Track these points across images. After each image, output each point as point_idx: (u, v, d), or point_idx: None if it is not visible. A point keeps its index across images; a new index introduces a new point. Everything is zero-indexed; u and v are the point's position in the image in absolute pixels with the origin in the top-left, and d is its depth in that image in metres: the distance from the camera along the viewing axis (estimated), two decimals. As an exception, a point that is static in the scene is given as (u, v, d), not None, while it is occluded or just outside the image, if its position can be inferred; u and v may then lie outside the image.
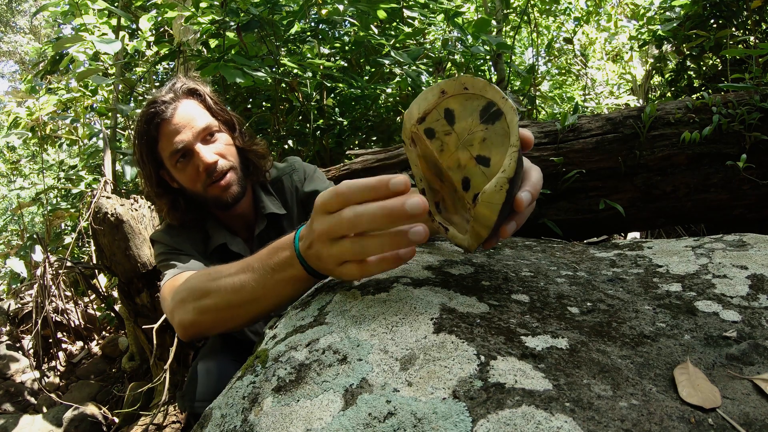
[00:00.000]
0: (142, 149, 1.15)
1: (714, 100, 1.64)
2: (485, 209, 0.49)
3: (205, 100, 1.16)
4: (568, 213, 1.73)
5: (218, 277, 0.74)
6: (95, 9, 2.64)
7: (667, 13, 3.08)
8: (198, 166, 1.10)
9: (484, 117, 0.52)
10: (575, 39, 5.78)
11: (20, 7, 11.65)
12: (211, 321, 0.76)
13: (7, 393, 2.57)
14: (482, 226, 0.51)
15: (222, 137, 1.16)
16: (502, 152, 0.50)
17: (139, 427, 1.99)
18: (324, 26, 2.57)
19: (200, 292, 0.77)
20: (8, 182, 5.95)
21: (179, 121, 1.10)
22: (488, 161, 0.51)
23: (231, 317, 0.73)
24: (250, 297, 0.68)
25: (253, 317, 0.72)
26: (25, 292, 3.37)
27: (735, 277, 0.60)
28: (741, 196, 1.63)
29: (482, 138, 0.52)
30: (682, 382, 0.42)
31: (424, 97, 0.56)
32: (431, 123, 0.55)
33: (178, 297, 0.83)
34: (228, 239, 1.19)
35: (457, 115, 0.54)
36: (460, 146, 0.53)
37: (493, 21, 3.39)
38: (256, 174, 1.23)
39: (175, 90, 1.14)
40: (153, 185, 1.18)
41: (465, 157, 0.53)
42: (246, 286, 0.68)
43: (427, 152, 0.57)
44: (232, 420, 0.46)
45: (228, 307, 0.72)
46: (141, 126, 1.13)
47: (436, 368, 0.43)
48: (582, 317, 0.54)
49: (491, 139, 0.51)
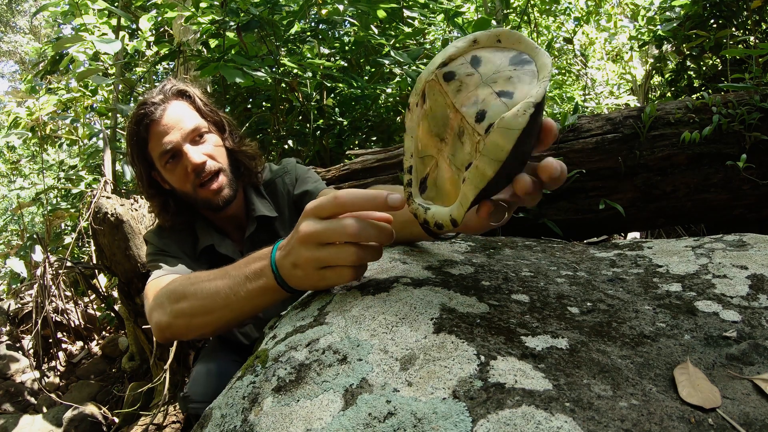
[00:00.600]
0: (134, 150, 1.16)
1: (714, 100, 1.64)
2: (500, 137, 0.42)
3: (195, 102, 1.17)
4: (568, 213, 1.73)
5: (196, 282, 0.75)
6: (95, 9, 2.64)
7: (667, 13, 3.08)
8: (186, 167, 1.11)
9: (514, 62, 0.48)
10: (575, 39, 5.78)
11: (20, 7, 11.65)
12: (185, 325, 0.77)
13: (7, 393, 2.57)
14: (490, 162, 0.43)
15: (211, 138, 1.16)
16: (529, 86, 0.44)
17: (139, 427, 1.99)
18: (324, 26, 2.57)
19: (178, 296, 0.78)
20: (8, 182, 5.95)
21: (168, 122, 1.11)
22: (512, 94, 0.45)
23: (204, 323, 0.74)
24: (222, 303, 0.69)
25: (225, 324, 0.73)
26: (25, 292, 3.37)
27: (735, 277, 0.60)
28: (741, 196, 1.63)
29: (508, 77, 0.47)
30: (682, 382, 0.42)
31: (454, 45, 0.52)
32: (454, 67, 0.51)
33: (157, 299, 0.85)
34: (216, 241, 1.19)
35: (484, 61, 0.49)
36: (481, 84, 0.48)
37: (493, 21, 3.39)
38: (248, 176, 1.23)
39: (165, 91, 1.16)
40: (145, 186, 1.20)
41: (485, 93, 0.47)
42: (220, 292, 0.69)
43: (437, 103, 0.52)
44: (232, 420, 0.46)
45: (202, 312, 0.73)
46: (131, 127, 1.15)
47: (436, 368, 0.43)
48: (582, 317, 0.54)
49: (518, 78, 0.46)
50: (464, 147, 0.48)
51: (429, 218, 0.51)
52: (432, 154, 0.54)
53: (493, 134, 0.42)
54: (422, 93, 0.53)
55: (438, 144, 0.52)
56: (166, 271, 1.05)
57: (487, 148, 0.43)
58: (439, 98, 0.51)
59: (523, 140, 0.42)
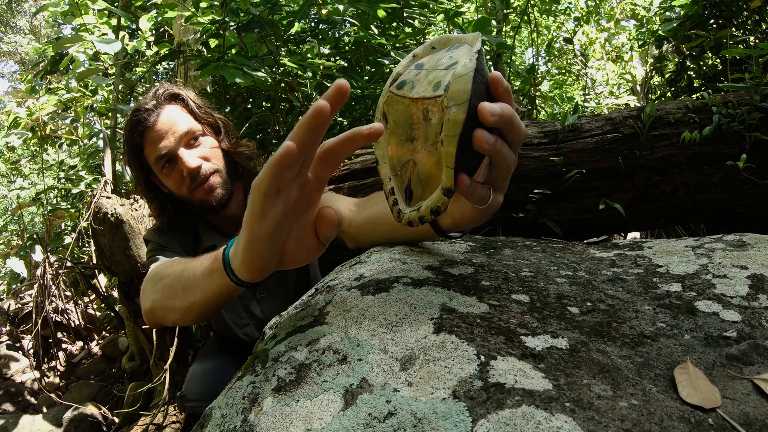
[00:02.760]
0: (130, 157, 1.17)
1: (714, 100, 1.64)
2: (459, 84, 0.46)
3: (188, 104, 1.17)
4: (568, 213, 1.73)
5: (170, 265, 0.79)
6: (95, 9, 2.64)
7: (667, 13, 3.08)
8: (182, 171, 1.11)
9: (449, 51, 0.54)
10: (575, 39, 5.78)
11: (20, 7, 11.65)
12: (160, 308, 0.80)
13: (7, 393, 2.57)
14: (458, 107, 0.46)
15: (206, 141, 1.16)
16: (468, 54, 0.50)
17: (139, 427, 1.99)
18: (324, 26, 2.57)
19: (156, 279, 0.82)
20: (8, 182, 5.95)
21: (162, 127, 1.11)
22: (456, 64, 0.50)
23: (173, 306, 0.76)
24: (183, 285, 0.72)
25: (187, 310, 0.73)
26: (25, 292, 3.37)
27: (735, 277, 0.60)
28: (741, 196, 1.63)
29: (449, 57, 0.52)
30: (682, 382, 0.42)
31: (399, 65, 0.57)
32: (402, 78, 0.56)
33: (144, 287, 0.88)
34: (218, 241, 1.19)
35: (426, 61, 0.55)
36: (430, 73, 0.53)
37: (493, 21, 3.39)
38: (246, 176, 1.23)
39: (157, 96, 1.15)
40: (144, 190, 1.20)
41: (435, 74, 0.52)
42: (183, 272, 0.72)
43: (398, 111, 0.54)
44: (232, 420, 0.46)
45: (171, 294, 0.75)
46: (126, 134, 1.15)
47: (436, 368, 0.43)
48: (582, 317, 0.54)
49: (457, 55, 0.52)
50: (432, 121, 0.51)
51: (424, 213, 0.51)
52: (407, 158, 0.55)
53: (453, 85, 0.47)
54: (383, 114, 0.56)
55: (410, 146, 0.54)
56: (162, 262, 1.06)
57: (451, 98, 0.47)
58: (399, 106, 0.54)
59: (478, 81, 0.47)
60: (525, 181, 1.70)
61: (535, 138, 1.76)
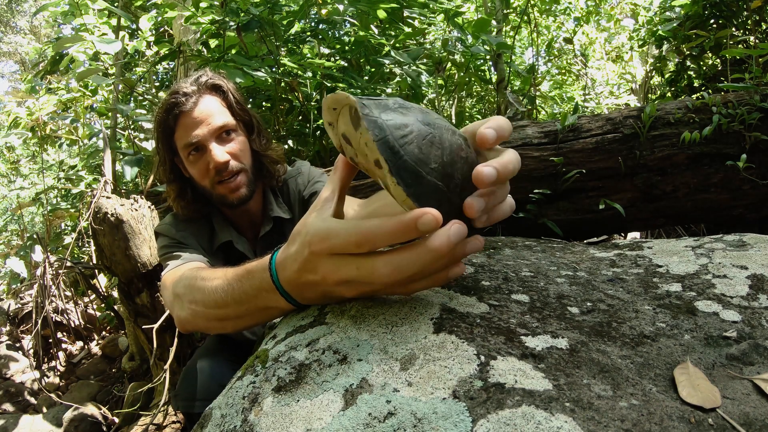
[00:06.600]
0: (159, 136, 1.16)
1: (714, 100, 1.64)
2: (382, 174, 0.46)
3: (228, 98, 1.16)
4: (568, 213, 1.73)
5: (208, 275, 0.75)
6: (95, 9, 2.64)
7: (667, 13, 3.08)
8: (209, 163, 1.11)
9: (354, 123, 0.50)
10: (575, 39, 5.78)
11: (20, 7, 11.65)
12: (204, 322, 0.77)
13: (7, 393, 2.57)
14: (401, 200, 0.45)
15: (238, 137, 1.16)
16: None
17: (139, 427, 1.99)
18: (324, 26, 2.57)
19: (193, 289, 0.78)
20: (8, 182, 5.95)
21: (198, 115, 1.10)
22: None
23: (216, 316, 0.73)
24: (222, 301, 0.68)
25: (236, 324, 0.71)
26: (25, 292, 3.37)
27: (735, 277, 0.60)
28: (741, 196, 1.63)
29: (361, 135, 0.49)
30: (682, 382, 0.42)
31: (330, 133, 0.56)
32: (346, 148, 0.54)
33: (176, 291, 0.85)
34: (234, 237, 1.19)
35: (349, 135, 0.52)
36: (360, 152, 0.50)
37: (493, 21, 3.39)
38: (269, 178, 1.23)
39: (200, 83, 1.14)
40: (166, 171, 1.19)
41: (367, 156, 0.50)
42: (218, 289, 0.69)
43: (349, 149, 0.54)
44: (232, 420, 0.46)
45: (213, 306, 0.72)
46: (161, 114, 1.13)
47: (436, 368, 0.43)
48: (582, 317, 0.54)
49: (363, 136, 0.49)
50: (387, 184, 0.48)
51: None
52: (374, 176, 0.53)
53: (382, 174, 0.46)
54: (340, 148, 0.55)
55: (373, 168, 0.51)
56: (185, 259, 1.04)
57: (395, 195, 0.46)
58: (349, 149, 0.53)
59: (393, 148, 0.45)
60: (525, 181, 1.70)
61: (535, 138, 1.76)
